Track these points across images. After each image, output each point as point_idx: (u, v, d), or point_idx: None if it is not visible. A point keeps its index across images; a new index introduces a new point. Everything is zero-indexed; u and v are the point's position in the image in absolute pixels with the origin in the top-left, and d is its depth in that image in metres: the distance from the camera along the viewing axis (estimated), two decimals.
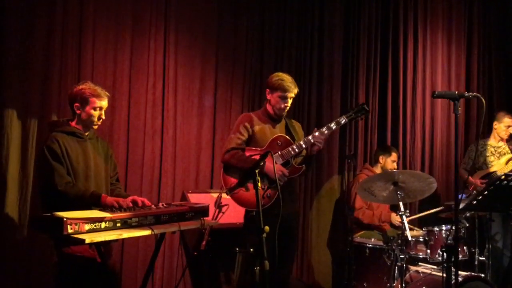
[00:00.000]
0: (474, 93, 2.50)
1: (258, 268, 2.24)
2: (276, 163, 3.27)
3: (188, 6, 4.49)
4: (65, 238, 2.40)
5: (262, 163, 2.50)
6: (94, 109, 3.02)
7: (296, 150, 3.36)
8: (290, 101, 3.47)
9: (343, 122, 3.44)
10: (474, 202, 2.71)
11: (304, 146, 3.37)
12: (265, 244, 2.28)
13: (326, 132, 3.38)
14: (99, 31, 4.09)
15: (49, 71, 3.84)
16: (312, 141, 3.35)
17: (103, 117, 3.09)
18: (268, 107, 3.52)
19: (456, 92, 2.48)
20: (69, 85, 3.81)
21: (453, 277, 2.45)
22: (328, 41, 5.16)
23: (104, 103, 3.06)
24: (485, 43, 5.99)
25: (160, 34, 4.35)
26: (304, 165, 3.43)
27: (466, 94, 2.47)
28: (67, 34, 3.92)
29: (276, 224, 2.57)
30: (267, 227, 2.34)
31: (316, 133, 3.37)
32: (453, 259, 2.21)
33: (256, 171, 2.34)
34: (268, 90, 3.51)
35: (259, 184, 2.41)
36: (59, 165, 2.89)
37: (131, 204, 2.89)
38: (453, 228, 3.83)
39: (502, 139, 5.06)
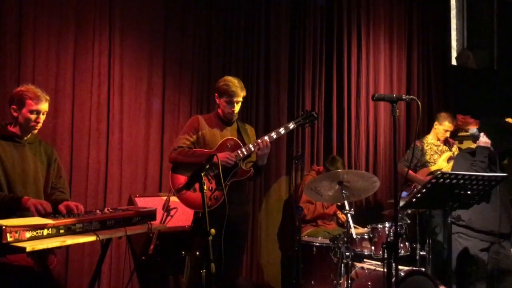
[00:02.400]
0: (411, 96, 2.63)
1: (204, 271, 2.24)
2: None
3: (133, 7, 4.42)
4: (4, 246, 2.31)
5: (208, 166, 2.51)
6: (31, 112, 2.92)
7: (245, 153, 3.40)
8: (238, 105, 3.49)
9: (291, 127, 3.51)
10: (414, 200, 2.84)
11: (253, 149, 3.40)
12: (211, 247, 2.28)
13: (274, 136, 3.44)
14: (40, 31, 3.96)
15: None
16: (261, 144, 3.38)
17: (41, 121, 2.98)
18: (219, 111, 3.55)
19: (394, 95, 2.61)
20: (8, 88, 3.68)
21: (394, 272, 2.56)
22: (274, 46, 5.21)
23: (42, 106, 2.96)
24: (424, 47, 6.26)
25: (105, 34, 4.25)
26: (252, 168, 3.46)
27: (404, 97, 2.60)
28: (5, 34, 3.78)
29: (222, 226, 2.58)
30: (213, 230, 2.35)
31: (265, 137, 3.42)
32: (393, 255, 2.31)
33: (202, 174, 2.35)
34: (216, 94, 3.53)
35: (205, 187, 2.41)
36: None
37: (49, 209, 2.76)
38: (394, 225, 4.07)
39: (439, 139, 5.20)
